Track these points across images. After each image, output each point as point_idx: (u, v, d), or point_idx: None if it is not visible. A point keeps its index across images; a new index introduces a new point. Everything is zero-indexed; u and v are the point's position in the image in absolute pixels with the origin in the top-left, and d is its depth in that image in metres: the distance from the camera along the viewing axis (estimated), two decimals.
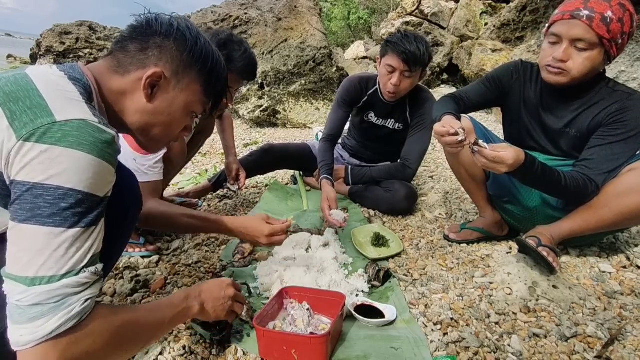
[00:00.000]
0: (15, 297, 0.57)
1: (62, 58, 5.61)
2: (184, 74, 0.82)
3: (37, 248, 0.58)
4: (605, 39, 1.19)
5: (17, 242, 0.59)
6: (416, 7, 6.36)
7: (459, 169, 1.62)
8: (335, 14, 13.86)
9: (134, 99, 0.80)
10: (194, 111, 0.88)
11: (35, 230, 0.58)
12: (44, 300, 0.57)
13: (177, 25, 0.80)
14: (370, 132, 2.18)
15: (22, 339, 0.56)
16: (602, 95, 1.32)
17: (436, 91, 5.05)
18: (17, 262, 0.58)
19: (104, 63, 0.81)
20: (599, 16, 1.18)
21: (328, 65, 4.71)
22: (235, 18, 4.95)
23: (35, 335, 0.56)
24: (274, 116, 4.71)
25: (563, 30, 1.24)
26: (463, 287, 1.31)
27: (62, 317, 0.58)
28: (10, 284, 0.58)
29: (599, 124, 1.30)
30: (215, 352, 1.02)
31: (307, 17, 4.81)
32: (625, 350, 1.00)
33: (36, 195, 0.58)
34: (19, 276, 0.57)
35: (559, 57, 1.25)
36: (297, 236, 1.60)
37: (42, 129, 0.60)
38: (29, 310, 0.56)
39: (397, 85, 1.83)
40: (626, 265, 1.42)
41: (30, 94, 0.64)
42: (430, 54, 1.83)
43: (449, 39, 5.54)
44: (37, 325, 0.56)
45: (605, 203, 1.26)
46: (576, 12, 1.21)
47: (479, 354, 1.00)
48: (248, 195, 2.31)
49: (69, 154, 0.60)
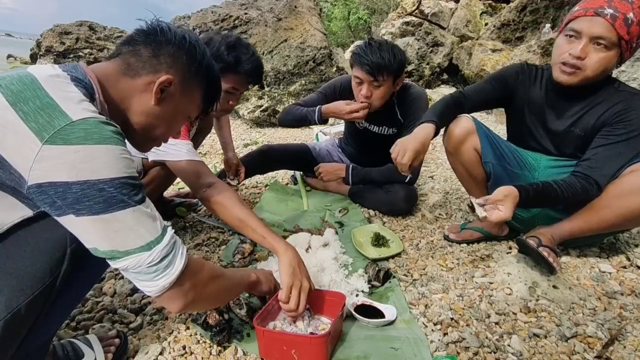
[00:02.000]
0: (146, 262, 0.72)
1: (62, 58, 5.61)
2: (190, 83, 0.90)
3: (132, 225, 0.71)
4: (624, 39, 1.19)
5: (110, 228, 0.69)
6: (416, 7, 6.36)
7: (460, 169, 1.62)
8: (335, 14, 13.86)
9: (141, 100, 0.85)
10: (191, 115, 0.96)
11: (121, 215, 0.69)
12: (165, 253, 0.75)
13: (189, 39, 0.88)
14: (364, 139, 2.16)
15: (165, 282, 0.75)
16: (607, 95, 1.32)
17: (436, 91, 5.05)
18: (126, 240, 0.70)
19: (112, 64, 0.85)
20: (621, 16, 1.17)
21: (328, 66, 4.71)
22: (235, 18, 4.95)
23: (174, 275, 0.76)
24: (274, 116, 4.71)
25: (585, 26, 1.22)
26: (463, 287, 1.31)
27: (180, 258, 0.78)
28: (132, 258, 0.71)
29: (603, 123, 1.30)
30: (215, 352, 1.02)
31: (307, 17, 4.81)
32: (625, 350, 1.00)
33: (99, 190, 0.66)
34: (136, 247, 0.71)
35: (577, 54, 1.24)
36: (297, 236, 1.60)
37: (63, 130, 0.64)
38: (160, 265, 0.74)
39: (368, 96, 1.81)
40: (626, 265, 1.42)
41: (38, 93, 0.67)
42: (400, 59, 1.77)
43: (449, 39, 5.54)
44: (171, 270, 0.76)
45: (607, 204, 1.26)
46: (600, 9, 1.19)
47: (479, 354, 1.01)
48: (248, 195, 2.31)
49: (101, 149, 0.67)
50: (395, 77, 1.81)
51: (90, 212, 0.67)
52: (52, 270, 0.71)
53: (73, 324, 1.14)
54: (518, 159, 1.47)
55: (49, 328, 0.83)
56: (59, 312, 0.81)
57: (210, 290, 0.88)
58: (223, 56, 1.51)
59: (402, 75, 1.85)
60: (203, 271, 0.86)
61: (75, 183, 0.65)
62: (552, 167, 1.45)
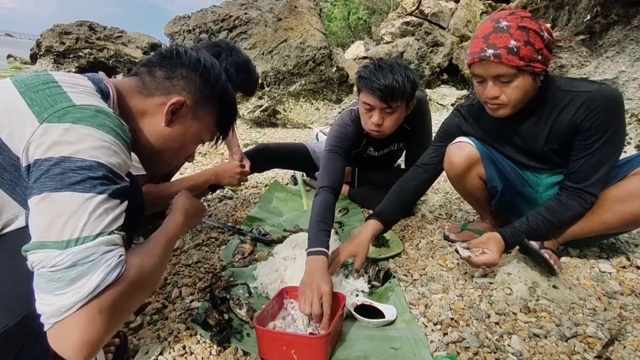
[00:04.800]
0: (50, 262, 0.56)
1: (62, 58, 5.62)
2: (203, 106, 0.89)
3: (69, 212, 0.58)
4: (520, 66, 1.16)
5: (47, 211, 0.59)
6: (416, 7, 6.36)
7: (462, 191, 1.62)
8: (335, 14, 13.87)
9: (152, 121, 0.85)
10: (203, 139, 0.94)
11: (66, 197, 0.59)
12: (81, 259, 0.57)
13: (203, 62, 0.88)
14: (372, 162, 2.10)
15: (65, 302, 0.55)
16: (559, 100, 1.27)
17: (436, 91, 5.05)
18: (49, 229, 0.58)
19: (128, 81, 0.86)
20: (504, 50, 1.14)
21: (328, 66, 4.71)
22: (235, 18, 4.95)
23: (81, 294, 0.56)
24: (274, 116, 4.71)
25: (481, 71, 1.23)
26: (463, 287, 1.31)
27: (102, 271, 0.58)
28: (41, 253, 0.57)
29: (575, 128, 1.25)
30: (215, 352, 1.02)
31: (307, 17, 4.81)
32: (625, 350, 1.00)
33: (64, 168, 0.60)
34: (53, 242, 0.57)
35: (490, 96, 1.24)
36: (297, 236, 1.60)
37: (62, 110, 0.64)
38: (67, 273, 0.56)
39: (379, 124, 1.59)
40: (626, 265, 1.42)
41: (50, 85, 0.69)
42: (413, 81, 1.56)
43: (449, 39, 5.53)
44: (80, 285, 0.56)
45: (609, 208, 1.26)
46: (482, 53, 1.18)
47: (479, 354, 1.00)
48: (248, 195, 2.31)
49: (91, 132, 0.63)
50: (408, 100, 1.61)
51: (38, 191, 0.59)
52: None
53: None
54: (520, 177, 1.45)
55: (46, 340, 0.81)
56: None
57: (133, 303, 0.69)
58: (232, 77, 1.56)
59: (414, 97, 1.64)
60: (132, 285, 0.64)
61: (46, 160, 0.60)
62: (555, 183, 1.42)
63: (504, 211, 1.56)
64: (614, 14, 2.65)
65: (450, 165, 1.49)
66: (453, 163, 1.47)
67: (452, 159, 1.47)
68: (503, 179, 1.45)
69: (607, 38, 2.77)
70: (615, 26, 2.70)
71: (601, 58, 2.81)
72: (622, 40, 2.66)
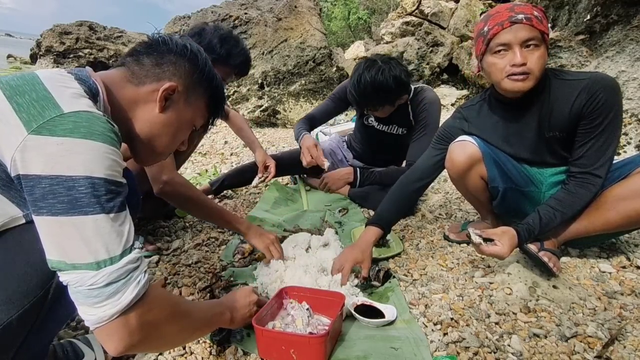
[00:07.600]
0: (87, 282, 0.62)
1: (62, 58, 5.62)
2: (194, 91, 0.89)
3: (89, 235, 0.62)
4: (546, 34, 1.24)
5: (64, 234, 0.62)
6: (416, 7, 6.35)
7: (463, 191, 1.61)
8: (335, 14, 13.87)
9: (145, 109, 0.84)
10: (196, 125, 0.94)
11: (81, 221, 0.62)
12: (114, 278, 0.64)
13: (190, 47, 0.88)
14: (373, 137, 2.16)
15: (105, 313, 0.63)
16: (558, 89, 1.30)
17: (436, 91, 5.04)
18: (75, 252, 0.62)
19: (117, 72, 0.85)
20: (532, 16, 1.22)
21: (328, 65, 4.71)
22: (235, 18, 4.94)
23: (119, 307, 0.64)
24: (274, 116, 4.71)
25: (510, 37, 1.23)
26: (463, 287, 1.31)
27: (134, 288, 0.66)
28: (76, 273, 0.62)
29: (578, 116, 1.27)
30: (215, 352, 1.02)
31: (307, 17, 4.81)
32: (625, 350, 1.00)
33: (69, 188, 0.61)
34: (84, 263, 0.62)
35: (520, 61, 1.23)
36: (297, 236, 1.60)
37: (52, 121, 0.62)
38: (104, 290, 0.63)
39: (378, 116, 2.02)
40: (626, 265, 1.42)
41: (36, 87, 0.67)
42: (399, 81, 1.78)
43: (449, 39, 5.53)
44: (117, 299, 0.64)
45: (612, 206, 1.26)
46: (513, 18, 1.23)
47: (479, 354, 1.00)
48: (248, 196, 2.31)
49: (86, 144, 0.63)
50: (395, 99, 1.87)
51: (49, 212, 0.61)
52: (42, 284, 0.69)
53: (73, 324, 1.14)
54: (524, 175, 1.44)
55: (46, 335, 0.82)
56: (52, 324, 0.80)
57: (166, 332, 0.74)
58: (215, 48, 1.54)
59: (402, 94, 1.90)
60: (162, 308, 0.72)
61: (47, 177, 0.60)
62: (557, 182, 1.41)
63: (504, 212, 1.56)
64: (614, 13, 2.65)
65: (452, 164, 1.48)
66: (454, 162, 1.47)
67: (454, 158, 1.47)
68: (506, 180, 1.44)
69: (607, 38, 2.76)
70: (615, 26, 2.69)
71: (601, 58, 2.81)
72: (622, 40, 2.66)
